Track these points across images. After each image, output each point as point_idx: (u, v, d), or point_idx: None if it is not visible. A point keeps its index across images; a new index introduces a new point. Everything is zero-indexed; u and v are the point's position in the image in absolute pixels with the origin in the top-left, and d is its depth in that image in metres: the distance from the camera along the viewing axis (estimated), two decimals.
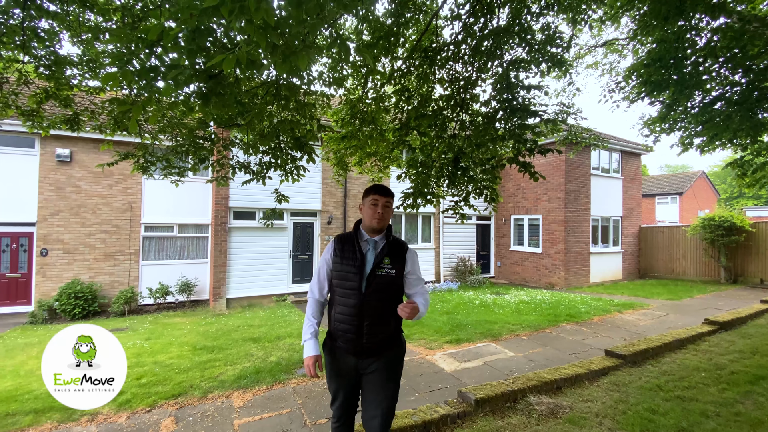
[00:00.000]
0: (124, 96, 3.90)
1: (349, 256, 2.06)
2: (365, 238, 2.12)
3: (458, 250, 13.34)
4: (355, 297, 2.00)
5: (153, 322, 8.05)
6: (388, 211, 2.11)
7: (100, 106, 4.13)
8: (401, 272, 2.08)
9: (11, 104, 3.87)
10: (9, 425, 3.56)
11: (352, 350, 2.03)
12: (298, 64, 1.49)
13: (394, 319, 2.08)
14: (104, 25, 3.97)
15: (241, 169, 4.40)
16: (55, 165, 9.18)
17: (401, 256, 2.10)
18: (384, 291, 2.03)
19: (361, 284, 2.00)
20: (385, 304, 2.03)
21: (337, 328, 2.06)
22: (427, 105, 3.86)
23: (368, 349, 2.01)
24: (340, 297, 2.07)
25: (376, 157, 4.94)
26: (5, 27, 3.34)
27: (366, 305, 1.99)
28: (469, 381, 4.41)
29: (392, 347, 2.09)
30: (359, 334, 1.99)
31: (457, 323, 6.98)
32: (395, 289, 2.07)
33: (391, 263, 2.05)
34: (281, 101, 3.04)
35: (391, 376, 2.07)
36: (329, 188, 11.19)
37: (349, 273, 2.03)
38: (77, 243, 9.35)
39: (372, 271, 2.02)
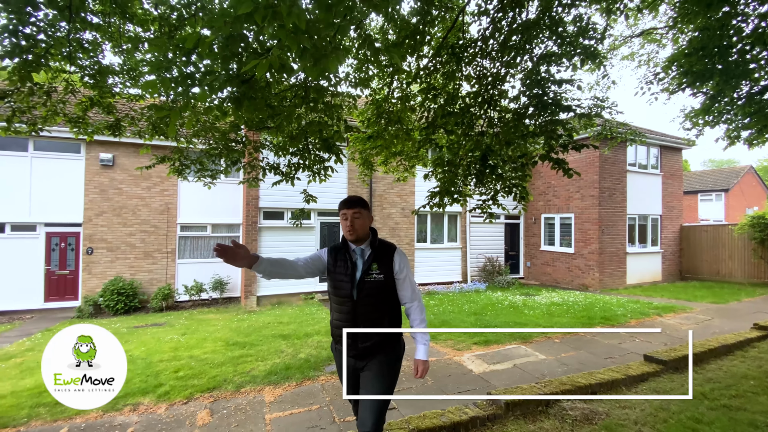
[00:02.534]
0: (162, 102, 4.09)
1: (341, 265, 2.14)
2: (352, 248, 2.18)
3: (486, 250, 13.11)
4: (348, 304, 2.10)
5: (188, 318, 8.40)
6: (359, 221, 2.13)
7: (140, 112, 4.36)
8: (390, 274, 2.14)
9: (59, 112, 4.14)
10: (59, 413, 3.81)
11: (350, 353, 2.13)
12: (328, 67, 1.51)
13: (388, 321, 2.14)
14: (143, 36, 4.18)
15: (271, 170, 4.52)
16: (98, 169, 9.76)
17: (388, 258, 2.15)
18: (375, 296, 2.10)
19: (352, 292, 2.08)
20: (377, 309, 2.11)
21: (335, 333, 2.19)
22: (453, 103, 3.81)
23: (364, 350, 2.10)
24: (335, 305, 2.17)
25: (401, 157, 4.94)
26: (53, 39, 3.56)
27: (359, 311, 2.08)
28: (499, 383, 4.32)
29: (388, 348, 2.15)
30: (355, 338, 2.10)
31: (486, 324, 6.86)
32: (387, 292, 2.14)
33: (378, 268, 2.11)
34: (309, 103, 3.09)
35: (384, 372, 2.13)
36: (355, 188, 11.28)
37: (342, 282, 2.11)
38: (119, 242, 9.89)
39: (361, 278, 2.09)
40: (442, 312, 8.12)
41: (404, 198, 11.94)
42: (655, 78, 5.45)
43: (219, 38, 1.65)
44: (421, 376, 2.13)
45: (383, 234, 11.63)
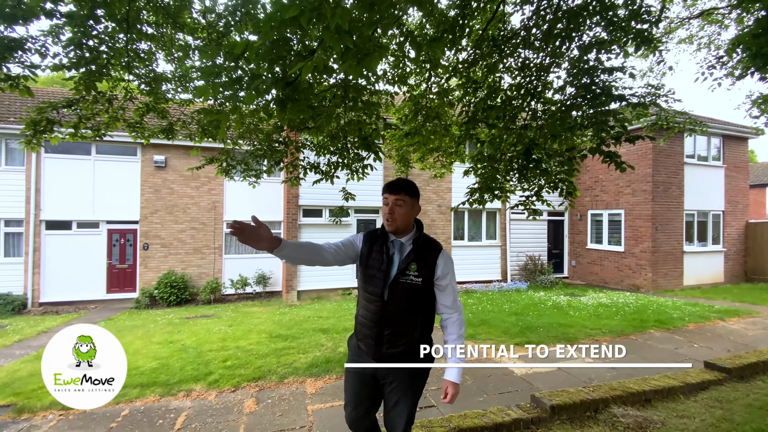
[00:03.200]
0: (210, 106, 4.31)
1: (376, 257, 1.87)
2: (392, 239, 1.90)
3: (527, 248, 12.66)
4: (377, 303, 1.84)
5: (234, 311, 8.82)
6: (401, 210, 1.84)
7: (190, 116, 4.62)
8: (430, 279, 1.85)
9: (120, 118, 4.48)
10: (120, 396, 4.13)
11: (372, 354, 1.88)
12: (370, 66, 1.52)
13: (420, 329, 1.89)
14: (192, 44, 4.42)
15: (312, 169, 4.64)
16: (153, 170, 10.47)
17: (431, 260, 1.86)
18: (407, 299, 1.83)
19: (383, 291, 1.82)
20: (408, 314, 1.85)
21: (359, 331, 1.94)
22: (494, 96, 3.70)
23: (388, 356, 1.85)
24: (363, 300, 1.94)
25: (439, 153, 4.87)
26: (113, 50, 3.85)
27: (387, 313, 1.83)
28: (542, 386, 4.18)
29: (415, 358, 1.88)
30: (379, 341, 1.85)
31: (528, 325, 6.64)
32: (422, 297, 1.87)
33: (417, 269, 1.83)
34: (348, 102, 3.13)
35: (410, 390, 1.88)
36: None
37: (374, 277, 1.85)
38: (171, 238, 10.58)
39: (396, 278, 1.82)
40: (481, 311, 7.97)
41: (440, 195, 11.81)
42: (717, 62, 4.99)
43: (266, 43, 1.71)
44: (451, 400, 1.83)
45: None
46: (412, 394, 1.90)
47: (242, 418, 3.61)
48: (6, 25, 3.18)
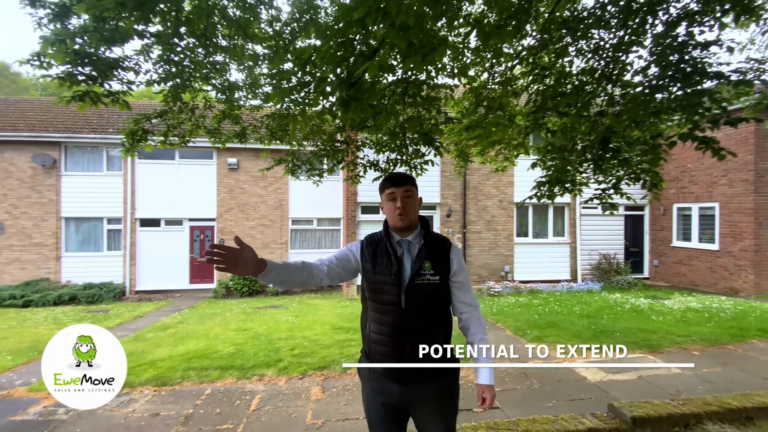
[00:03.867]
0: (277, 110, 4.57)
1: (383, 262, 1.68)
2: (397, 240, 1.72)
3: (600, 246, 11.67)
4: (394, 313, 1.63)
5: (300, 303, 9.32)
6: (411, 202, 1.68)
7: (259, 120, 4.95)
8: (446, 276, 1.68)
9: (200, 125, 4.93)
10: (204, 377, 4.58)
11: (394, 377, 1.66)
12: (435, 60, 1.50)
13: (443, 335, 1.70)
14: (261, 53, 4.71)
15: (371, 167, 4.72)
16: (227, 172, 11.41)
17: (445, 256, 1.69)
18: (428, 303, 1.65)
19: (399, 298, 1.63)
20: (430, 319, 1.66)
21: (375, 350, 1.69)
22: (564, 82, 3.45)
23: (414, 374, 1.64)
24: (374, 313, 1.70)
25: (501, 145, 4.67)
26: (193, 63, 4.24)
27: (407, 322, 1.62)
28: (621, 395, 3.85)
29: (445, 370, 1.68)
30: (401, 357, 1.63)
31: (601, 329, 6.16)
32: (441, 298, 1.69)
33: (433, 267, 1.65)
34: (408, 99, 3.13)
35: (448, 402, 1.70)
36: (448, 181, 11.10)
37: (384, 284, 1.65)
38: (243, 234, 11.45)
39: (411, 280, 1.63)
40: (548, 313, 7.54)
41: (501, 189, 11.34)
42: None
43: (332, 46, 1.77)
44: (489, 405, 1.66)
45: (478, 228, 11.23)
46: (449, 413, 1.71)
47: (309, 404, 3.81)
48: (106, 47, 3.65)
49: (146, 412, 3.73)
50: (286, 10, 4.33)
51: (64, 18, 3.52)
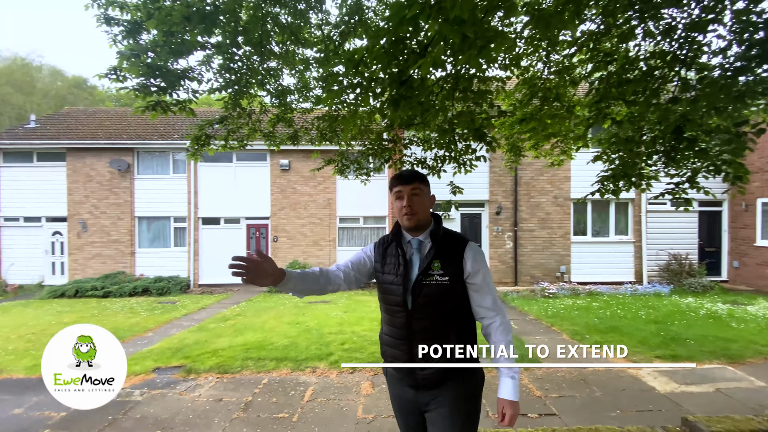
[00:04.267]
0: (327, 112, 4.69)
1: (391, 262, 1.63)
2: (408, 240, 1.65)
3: (669, 245, 10.66)
4: (401, 315, 1.58)
5: (348, 299, 9.52)
6: (420, 200, 1.60)
7: (310, 123, 5.11)
8: (459, 277, 1.55)
9: (257, 129, 5.20)
10: (261, 367, 4.83)
11: (406, 381, 1.60)
12: (491, 54, 1.45)
13: (456, 339, 1.56)
14: (311, 57, 4.86)
15: (419, 164, 4.70)
16: (279, 172, 11.95)
17: (456, 255, 1.57)
18: (437, 304, 1.55)
19: (406, 298, 1.56)
20: (440, 322, 1.55)
21: (385, 352, 1.67)
22: (631, 67, 3.18)
23: (425, 381, 1.55)
24: (385, 314, 1.67)
25: (557, 138, 4.42)
26: (250, 70, 4.47)
27: (415, 326, 1.55)
28: (695, 409, 3.51)
29: (460, 377, 1.55)
30: (409, 360, 1.57)
31: (672, 336, 5.65)
32: (455, 300, 1.57)
33: (442, 267, 1.55)
34: (458, 94, 3.06)
35: (461, 415, 1.55)
36: (497, 177, 10.74)
37: (392, 285, 1.60)
38: (295, 232, 11.95)
39: (418, 280, 1.55)
40: (609, 317, 7.05)
41: (557, 185, 10.76)
42: None
43: (384, 45, 1.77)
44: (510, 423, 1.49)
45: (530, 225, 10.76)
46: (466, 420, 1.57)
47: (360, 399, 3.88)
48: (174, 59, 3.96)
49: (210, 397, 4.02)
50: (335, 13, 4.44)
51: (136, 34, 3.88)
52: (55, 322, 7.52)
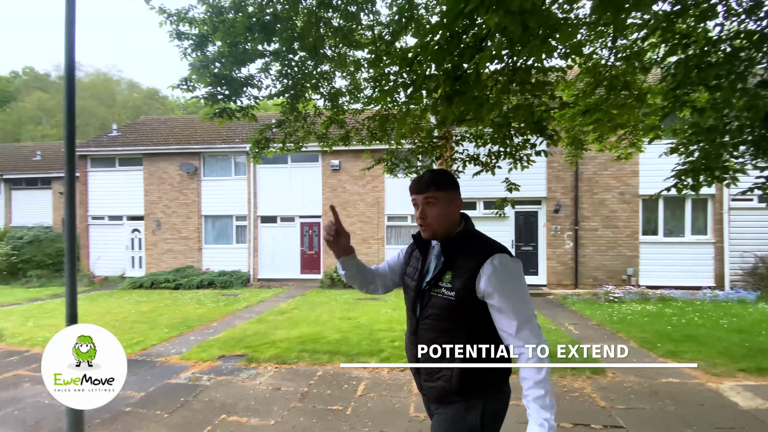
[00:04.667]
0: (377, 112, 4.75)
1: (413, 264, 1.57)
2: (433, 243, 1.54)
3: (757, 246, 9.46)
4: (413, 320, 1.50)
5: (396, 296, 9.56)
6: (435, 210, 1.44)
7: (361, 123, 5.21)
8: (469, 294, 1.34)
9: (311, 131, 5.40)
10: (315, 359, 5.01)
11: (417, 383, 1.52)
12: (558, 41, 1.38)
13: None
14: (362, 58, 4.94)
15: (471, 161, 4.59)
16: (330, 173, 12.32)
17: (470, 269, 1.34)
18: (440, 319, 1.40)
19: (415, 305, 1.48)
20: (446, 338, 1.39)
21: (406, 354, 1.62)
22: (712, 49, 2.85)
23: (428, 390, 1.45)
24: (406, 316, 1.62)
25: (626, 130, 4.09)
26: (305, 75, 4.64)
27: (420, 334, 1.45)
28: None
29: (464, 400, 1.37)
30: (417, 371, 1.48)
31: (759, 347, 5.03)
32: (465, 317, 1.37)
33: (452, 280, 1.37)
34: (515, 86, 2.95)
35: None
36: (556, 172, 10.19)
37: (408, 287, 1.56)
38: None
39: (426, 290, 1.45)
40: (684, 324, 6.41)
41: (623, 180, 9.96)
42: None
43: (439, 41, 1.76)
44: None
45: (593, 224, 10.06)
46: None
47: (411, 397, 3.89)
48: (237, 68, 4.23)
49: (270, 386, 4.25)
50: (385, 13, 4.47)
51: (203, 47, 4.19)
52: (135, 310, 8.40)
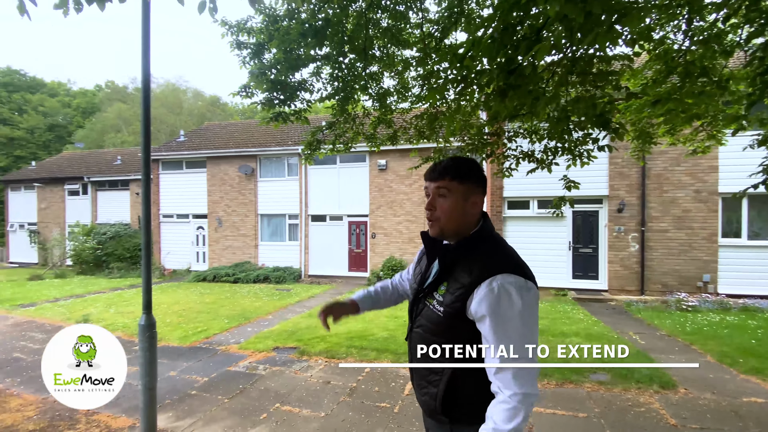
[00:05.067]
0: (425, 110, 4.70)
1: (419, 264, 1.45)
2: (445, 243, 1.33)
3: None
4: (410, 323, 1.39)
5: None
6: (445, 203, 1.22)
7: (408, 122, 5.18)
8: (458, 312, 1.16)
9: (360, 132, 5.47)
10: (363, 356, 5.09)
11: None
12: (626, 27, 1.27)
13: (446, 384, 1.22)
14: (410, 56, 4.92)
15: (525, 158, 4.39)
16: (377, 172, 12.43)
17: (463, 284, 1.16)
18: (431, 333, 1.25)
19: (411, 311, 1.38)
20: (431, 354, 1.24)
21: None
22: None
23: (420, 402, 1.34)
24: None
25: (703, 120, 3.68)
26: (355, 77, 4.71)
27: (412, 345, 1.34)
28: None
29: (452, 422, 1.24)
30: (412, 378, 1.37)
31: None
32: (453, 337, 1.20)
33: (445, 294, 1.20)
34: (575, 78, 2.77)
35: None
36: (619, 168, 9.45)
37: (411, 289, 1.48)
38: (391, 229, 12.32)
39: (420, 297, 1.32)
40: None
41: (699, 176, 8.98)
42: None
43: (492, 34, 1.70)
44: None
45: (663, 225, 9.19)
46: None
47: None
48: (291, 73, 4.40)
49: (320, 379, 4.39)
50: (433, 10, 4.41)
51: (260, 54, 4.42)
52: (199, 301, 9.09)
